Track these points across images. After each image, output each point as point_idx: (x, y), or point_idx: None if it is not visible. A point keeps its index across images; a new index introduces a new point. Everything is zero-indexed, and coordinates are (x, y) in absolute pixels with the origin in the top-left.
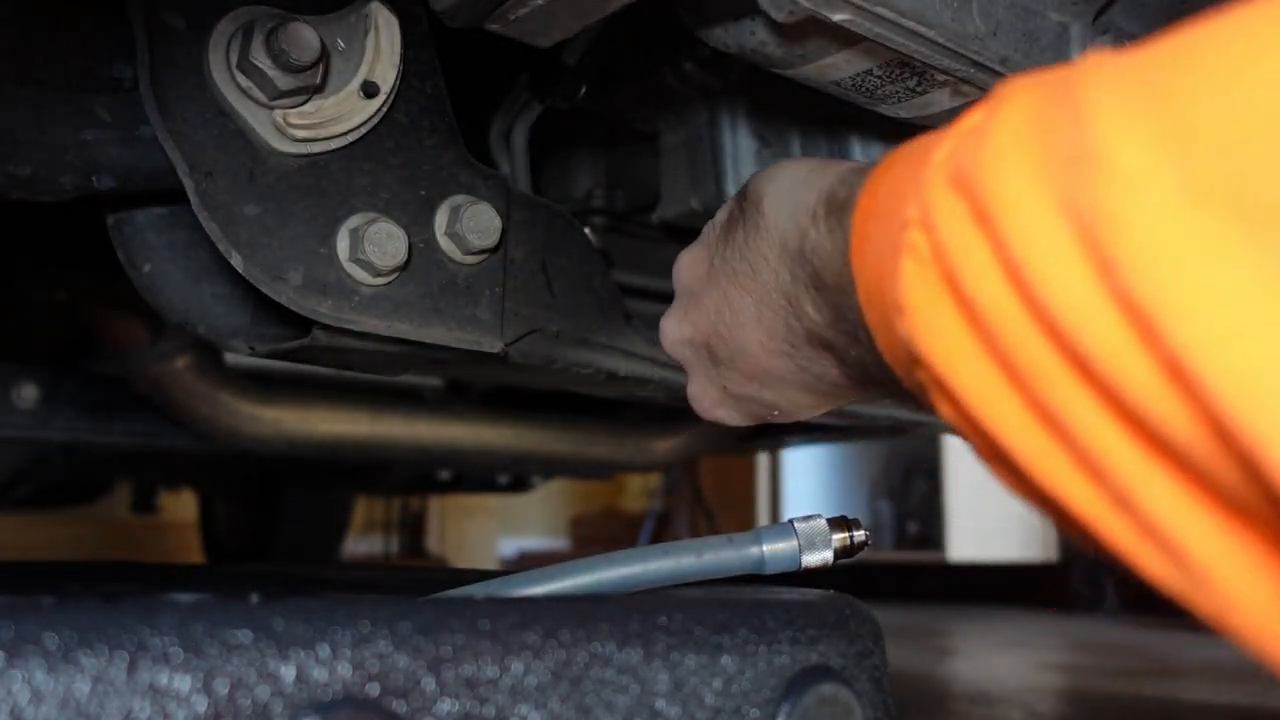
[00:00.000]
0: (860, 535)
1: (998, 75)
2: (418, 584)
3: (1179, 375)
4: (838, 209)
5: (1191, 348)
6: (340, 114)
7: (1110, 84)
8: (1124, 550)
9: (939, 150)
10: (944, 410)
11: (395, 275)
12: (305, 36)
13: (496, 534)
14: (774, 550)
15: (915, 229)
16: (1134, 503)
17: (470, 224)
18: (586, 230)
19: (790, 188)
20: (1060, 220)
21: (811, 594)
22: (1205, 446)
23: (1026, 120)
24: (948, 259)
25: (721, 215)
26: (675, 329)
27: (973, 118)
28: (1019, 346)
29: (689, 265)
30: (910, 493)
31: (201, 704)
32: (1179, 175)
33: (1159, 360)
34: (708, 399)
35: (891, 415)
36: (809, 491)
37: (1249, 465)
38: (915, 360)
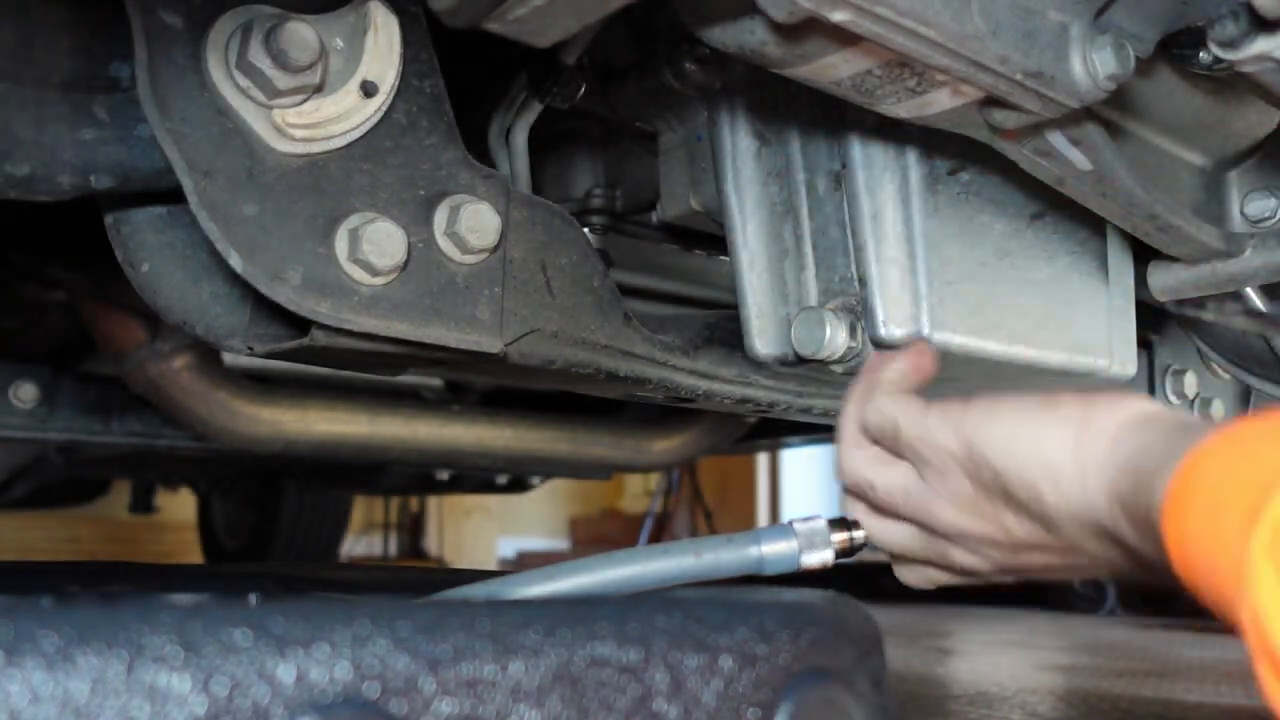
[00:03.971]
0: (860, 535)
1: (998, 75)
2: (417, 584)
3: None
4: (1140, 522)
5: None
6: (339, 113)
7: None
8: None
9: (1255, 539)
10: None
11: (394, 275)
12: (304, 36)
13: (495, 534)
14: (773, 551)
15: (1254, 635)
16: None
17: (469, 224)
18: (586, 230)
19: (1063, 477)
20: None
21: (811, 595)
22: None
23: None
24: None
25: (957, 481)
26: (989, 566)
27: None
28: None
29: (960, 517)
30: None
31: (200, 704)
32: None
33: None
34: (1006, 579)
35: None
36: (809, 491)
37: None
38: None
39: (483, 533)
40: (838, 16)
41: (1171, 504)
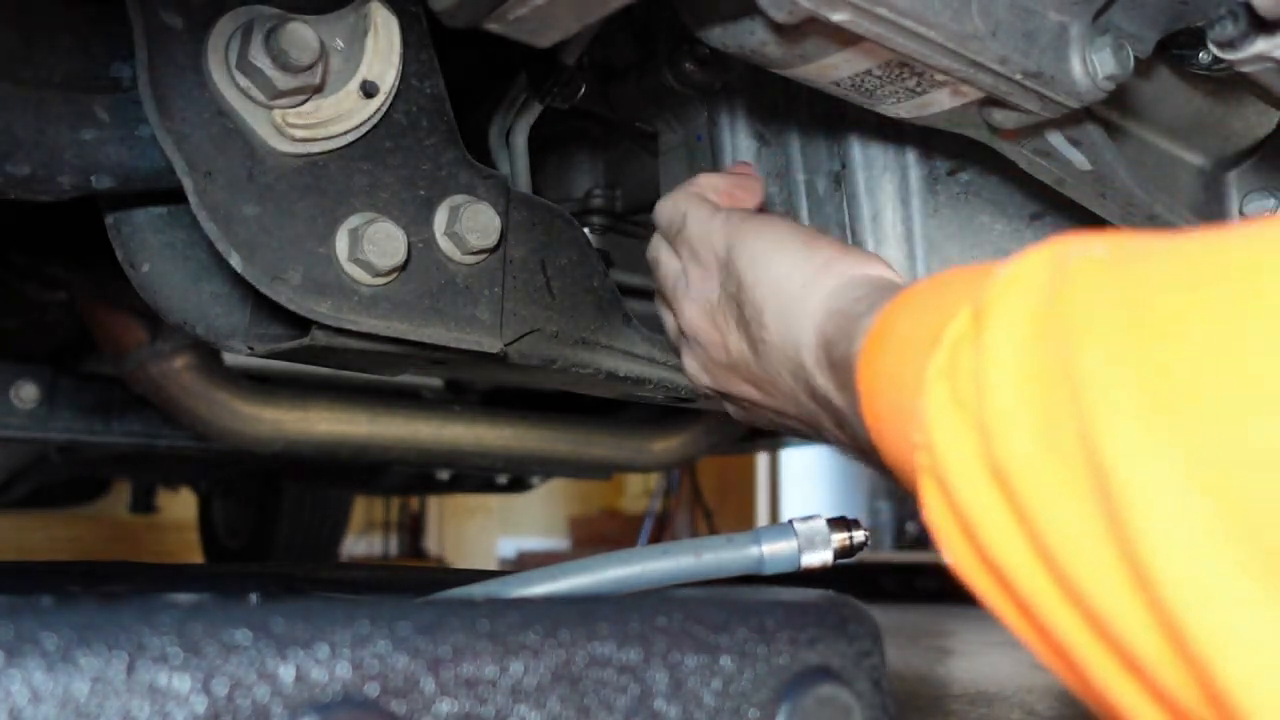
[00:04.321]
0: (860, 535)
1: (997, 75)
2: (417, 584)
3: (1218, 701)
4: (839, 366)
5: (1233, 683)
6: (339, 114)
7: (1107, 357)
8: None
9: (932, 362)
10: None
11: (394, 275)
12: (304, 36)
13: (495, 534)
14: (773, 550)
15: (924, 453)
16: None
17: (469, 224)
18: (586, 230)
19: (787, 305)
20: (1092, 517)
21: (811, 594)
22: None
23: (1025, 376)
24: (961, 505)
25: (711, 285)
26: (704, 379)
27: (959, 324)
28: (1053, 618)
29: (699, 319)
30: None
31: (200, 704)
32: (1205, 509)
33: (1195, 677)
34: (727, 408)
35: None
36: (808, 491)
37: None
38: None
39: (483, 533)
40: (838, 16)
41: (866, 350)
